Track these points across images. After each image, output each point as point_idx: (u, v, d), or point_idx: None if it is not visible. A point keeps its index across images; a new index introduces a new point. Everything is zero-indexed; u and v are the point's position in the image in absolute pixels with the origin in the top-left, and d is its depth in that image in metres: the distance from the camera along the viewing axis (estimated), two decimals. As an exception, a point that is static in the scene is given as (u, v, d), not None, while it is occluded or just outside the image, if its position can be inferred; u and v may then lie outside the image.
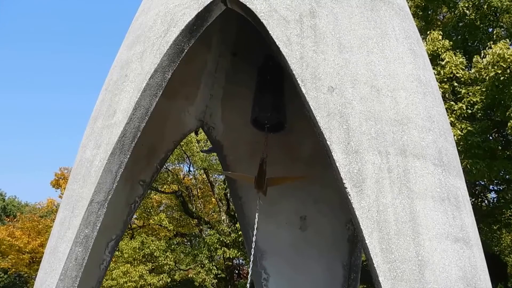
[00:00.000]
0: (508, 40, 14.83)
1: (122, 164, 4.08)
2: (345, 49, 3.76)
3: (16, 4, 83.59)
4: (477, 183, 17.40)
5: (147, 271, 22.98)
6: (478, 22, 15.45)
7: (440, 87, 12.74)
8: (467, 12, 15.30)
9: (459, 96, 13.79)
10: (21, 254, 29.54)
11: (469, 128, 12.90)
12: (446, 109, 12.57)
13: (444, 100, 12.89)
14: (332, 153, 3.40)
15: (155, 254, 23.37)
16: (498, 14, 15.67)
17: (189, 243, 28.87)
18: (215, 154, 6.70)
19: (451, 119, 12.84)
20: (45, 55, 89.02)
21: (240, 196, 6.62)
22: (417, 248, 3.16)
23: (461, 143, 12.65)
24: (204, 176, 26.65)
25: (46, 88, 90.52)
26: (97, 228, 3.95)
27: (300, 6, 3.92)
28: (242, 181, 6.51)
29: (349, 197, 3.30)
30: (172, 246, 26.01)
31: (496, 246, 24.45)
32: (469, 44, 16.01)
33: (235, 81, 6.38)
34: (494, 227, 20.42)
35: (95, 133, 4.28)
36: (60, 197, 30.19)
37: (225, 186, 22.40)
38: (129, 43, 4.62)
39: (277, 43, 3.76)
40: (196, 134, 21.08)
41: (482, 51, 13.08)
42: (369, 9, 3.99)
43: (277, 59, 4.02)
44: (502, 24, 15.79)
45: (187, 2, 4.25)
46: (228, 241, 22.94)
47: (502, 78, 11.98)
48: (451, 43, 14.00)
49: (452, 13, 16.30)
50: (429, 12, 17.20)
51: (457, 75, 13.42)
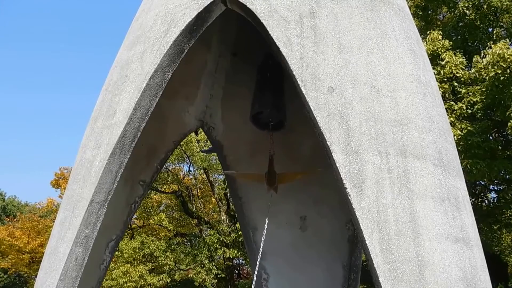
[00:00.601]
0: (508, 40, 14.83)
1: (122, 164, 4.09)
2: (345, 50, 3.76)
3: (16, 4, 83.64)
4: (477, 183, 17.40)
5: (147, 271, 22.99)
6: (478, 22, 15.45)
7: (440, 87, 12.74)
8: (467, 12, 15.29)
9: (459, 96, 13.79)
10: (21, 254, 29.54)
11: (469, 128, 12.89)
12: (446, 109, 12.58)
13: (444, 100, 12.90)
14: (332, 154, 3.41)
15: (155, 254, 23.38)
16: (498, 14, 15.67)
17: (189, 243, 28.88)
18: (215, 154, 6.71)
19: (451, 119, 12.83)
20: (45, 55, 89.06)
21: (240, 196, 6.62)
22: (417, 249, 3.16)
23: (461, 143, 12.64)
24: (204, 176, 26.66)
25: (46, 88, 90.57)
26: (97, 228, 3.96)
27: (300, 7, 3.92)
28: (242, 181, 6.51)
29: (349, 198, 3.30)
30: (172, 246, 26.03)
31: (497, 246, 24.46)
32: (469, 44, 16.01)
33: (235, 81, 6.38)
34: (495, 227, 20.42)
35: (95, 134, 4.28)
36: (60, 197, 30.20)
37: (225, 186, 22.40)
38: (129, 44, 4.62)
39: (277, 44, 3.76)
40: (196, 134, 21.08)
41: (482, 51, 13.08)
42: (369, 10, 3.99)
43: (277, 58, 4.02)
44: (502, 24, 15.78)
45: (187, 3, 4.26)
46: (228, 241, 22.94)
47: (502, 78, 11.97)
48: (451, 43, 13.99)
49: (452, 13, 16.29)
50: (429, 12, 17.19)
51: (457, 75, 13.42)
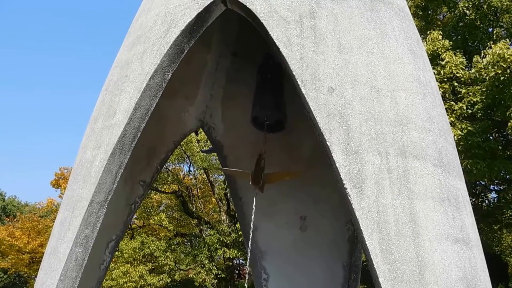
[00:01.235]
0: (508, 40, 14.83)
1: (122, 165, 4.09)
2: (345, 50, 3.76)
3: (17, 2, 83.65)
4: (478, 183, 17.40)
5: (147, 271, 22.97)
6: (478, 22, 15.44)
7: (440, 87, 12.74)
8: (467, 12, 15.29)
9: (459, 96, 13.78)
10: (21, 254, 29.52)
11: (469, 128, 12.89)
12: (446, 109, 12.58)
13: (444, 100, 12.91)
14: (332, 154, 3.41)
15: (155, 254, 23.37)
16: (498, 14, 15.66)
17: (189, 243, 28.86)
18: (215, 154, 6.70)
19: (451, 119, 12.83)
20: (46, 54, 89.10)
21: (241, 197, 6.61)
22: (417, 249, 3.16)
23: (462, 143, 12.64)
24: (204, 176, 26.64)
25: (46, 88, 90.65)
26: (97, 229, 3.96)
27: (300, 7, 3.92)
28: (242, 181, 6.50)
29: (349, 198, 3.30)
30: (172, 246, 26.01)
31: (497, 246, 24.44)
32: (469, 44, 16.00)
33: (236, 81, 6.38)
34: (495, 227, 20.41)
35: (95, 134, 4.28)
36: (60, 197, 30.20)
37: (225, 186, 22.39)
38: (129, 44, 4.62)
39: (277, 44, 3.76)
40: (196, 134, 21.07)
41: (482, 51, 13.07)
42: (369, 10, 3.99)
43: (277, 58, 4.02)
44: (502, 24, 15.77)
45: (187, 3, 4.26)
46: (228, 241, 22.92)
47: (502, 78, 11.97)
48: (451, 43, 13.99)
49: (452, 13, 16.28)
50: (429, 12, 17.18)
51: (457, 75, 13.41)
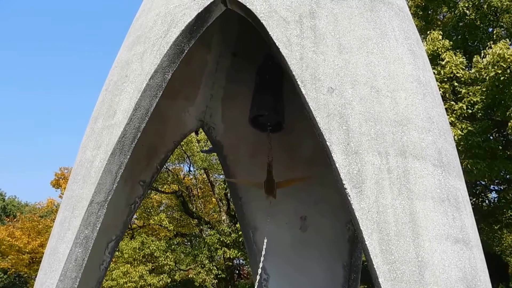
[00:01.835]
0: (508, 40, 14.85)
1: (122, 165, 4.08)
2: (345, 50, 3.76)
3: (16, 2, 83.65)
4: (478, 183, 17.42)
5: (147, 272, 22.99)
6: (478, 22, 15.45)
7: (440, 87, 12.75)
8: (467, 12, 15.30)
9: (460, 96, 13.80)
10: (21, 254, 29.53)
11: (470, 128, 12.90)
12: (447, 109, 12.59)
13: (445, 100, 12.92)
14: (332, 154, 3.40)
15: (155, 254, 23.38)
16: (498, 14, 15.67)
17: (189, 243, 28.87)
18: (215, 154, 6.70)
19: (452, 119, 12.84)
20: (46, 54, 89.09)
21: (240, 197, 6.61)
22: (417, 249, 3.15)
23: (462, 143, 12.65)
24: (205, 176, 26.66)
25: (47, 88, 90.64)
26: (97, 229, 3.95)
27: (300, 7, 3.92)
28: (244, 184, 6.50)
29: (349, 198, 3.30)
30: (172, 246, 26.03)
31: (497, 246, 24.45)
32: (469, 44, 16.02)
33: (236, 81, 6.38)
34: (495, 227, 20.42)
35: (95, 134, 4.28)
36: (60, 197, 30.20)
37: (225, 186, 22.40)
38: (130, 44, 4.62)
39: (277, 44, 3.76)
40: (197, 134, 21.09)
41: (482, 51, 13.09)
42: (369, 10, 3.99)
43: (277, 59, 4.02)
44: (502, 24, 15.79)
45: (187, 3, 4.26)
46: (229, 241, 22.94)
47: (502, 78, 11.99)
48: (451, 43, 14.01)
49: (452, 13, 16.29)
50: (429, 12, 17.21)
51: (457, 75, 13.43)
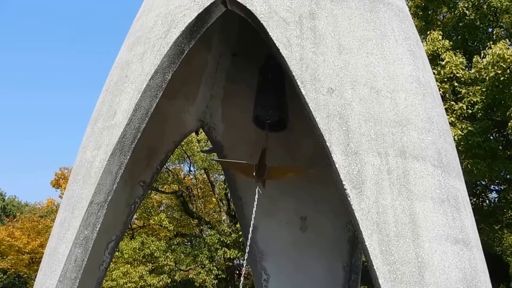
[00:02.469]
0: (508, 40, 14.84)
1: (122, 165, 4.09)
2: (345, 51, 3.76)
3: (17, 3, 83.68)
4: (478, 183, 17.40)
5: (147, 272, 22.96)
6: (478, 22, 15.46)
7: (440, 87, 12.75)
8: (467, 12, 15.30)
9: (460, 96, 13.80)
10: (21, 255, 29.48)
11: (470, 128, 12.90)
12: (447, 109, 12.59)
13: (445, 100, 12.92)
14: (332, 155, 3.41)
15: (155, 255, 23.36)
16: (498, 14, 15.67)
17: (190, 244, 28.84)
18: (216, 154, 6.72)
19: (452, 119, 12.84)
20: (46, 54, 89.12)
21: (241, 197, 6.61)
22: (417, 250, 3.16)
23: (462, 143, 12.65)
24: (205, 176, 26.64)
25: (47, 88, 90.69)
26: (97, 229, 3.96)
27: (300, 8, 3.93)
28: (243, 181, 6.50)
29: (349, 199, 3.30)
30: (173, 247, 26.01)
31: (498, 247, 24.42)
32: (469, 44, 16.01)
33: (236, 81, 6.39)
34: (496, 227, 20.38)
35: (95, 134, 4.28)
36: (60, 197, 30.19)
37: (226, 186, 22.38)
38: (130, 44, 4.63)
39: (277, 45, 3.76)
40: (197, 134, 21.07)
41: (482, 51, 13.08)
42: (369, 11, 3.99)
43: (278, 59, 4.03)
44: (502, 24, 15.80)
45: (188, 4, 4.26)
46: (229, 242, 22.91)
47: (502, 78, 11.98)
48: (451, 43, 14.00)
49: (452, 13, 16.29)
50: (429, 12, 17.20)
51: (457, 75, 13.42)
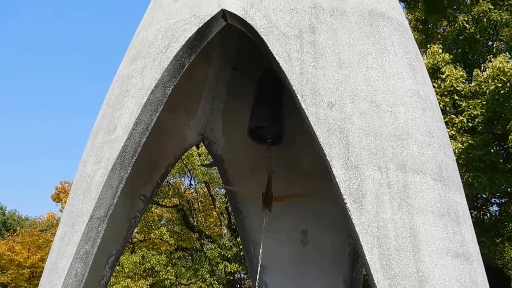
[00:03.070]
0: (508, 54, 14.91)
1: (123, 180, 4.08)
2: (345, 65, 3.78)
3: (27, 16, 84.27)
4: (479, 196, 17.36)
5: (148, 286, 22.83)
6: (478, 36, 15.54)
7: (441, 100, 12.78)
8: (467, 26, 15.40)
9: (460, 109, 13.83)
10: (21, 269, 29.31)
11: (470, 141, 12.91)
12: (447, 122, 12.61)
13: (445, 113, 12.94)
14: (332, 169, 3.40)
15: (156, 269, 23.23)
16: (498, 28, 15.77)
17: (190, 257, 28.69)
18: (216, 168, 6.73)
19: (452, 132, 12.85)
20: (44, 76, 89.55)
21: (241, 211, 6.59)
22: (418, 264, 3.14)
23: (462, 156, 12.64)
24: (205, 190, 26.60)
25: (47, 103, 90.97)
26: (97, 244, 3.94)
27: (300, 22, 3.95)
28: (243, 195, 6.49)
29: (349, 213, 3.29)
30: (173, 260, 25.89)
31: (499, 260, 24.28)
32: (469, 58, 16.10)
33: (236, 95, 6.40)
34: (497, 241, 20.29)
35: (96, 148, 4.29)
36: (61, 211, 30.13)
37: (226, 200, 22.34)
38: (130, 58, 4.65)
39: (277, 59, 3.78)
40: (198, 148, 21.09)
41: (482, 65, 13.14)
42: (368, 25, 4.02)
43: (277, 72, 4.04)
44: (502, 38, 15.88)
45: (188, 18, 4.29)
46: (230, 255, 22.80)
47: (502, 92, 12.02)
48: (451, 57, 14.07)
49: (452, 27, 16.39)
50: (429, 26, 17.32)
51: (458, 89, 13.47)
